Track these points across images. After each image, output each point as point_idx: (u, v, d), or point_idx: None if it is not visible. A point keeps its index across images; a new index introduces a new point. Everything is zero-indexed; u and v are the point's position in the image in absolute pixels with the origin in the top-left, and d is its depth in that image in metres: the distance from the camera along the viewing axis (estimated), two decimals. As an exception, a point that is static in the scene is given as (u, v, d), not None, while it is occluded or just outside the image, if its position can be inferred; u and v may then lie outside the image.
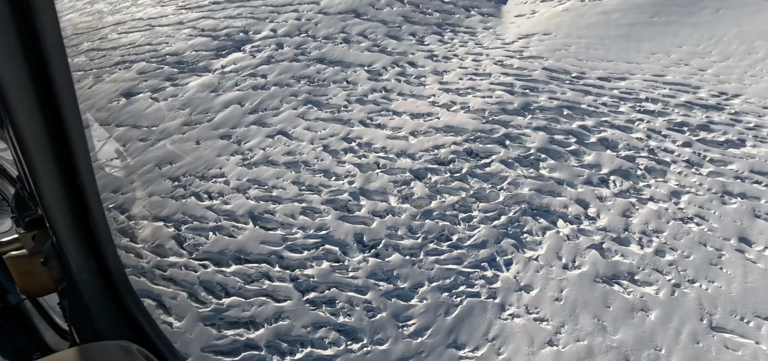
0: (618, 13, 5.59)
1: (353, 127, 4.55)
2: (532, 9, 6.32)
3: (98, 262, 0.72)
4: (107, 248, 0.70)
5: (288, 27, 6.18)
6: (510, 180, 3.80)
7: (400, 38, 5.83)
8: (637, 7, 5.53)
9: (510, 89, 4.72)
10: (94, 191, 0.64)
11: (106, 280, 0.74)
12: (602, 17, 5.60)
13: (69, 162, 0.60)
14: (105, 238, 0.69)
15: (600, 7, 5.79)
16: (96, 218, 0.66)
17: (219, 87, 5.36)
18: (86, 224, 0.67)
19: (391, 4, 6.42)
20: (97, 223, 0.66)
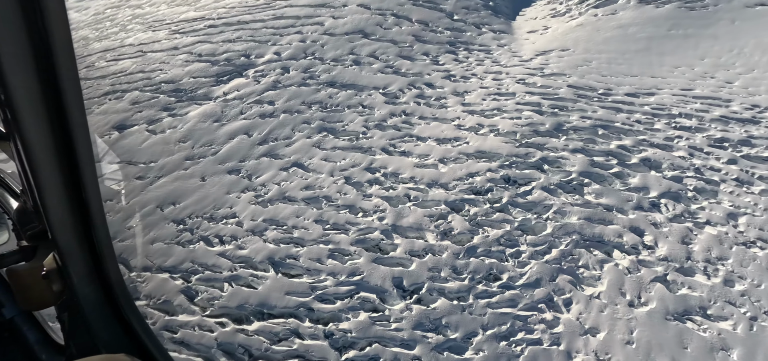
0: (634, 26, 5.61)
1: (375, 156, 4.26)
2: (544, 25, 6.29)
3: (100, 275, 0.71)
4: (109, 261, 0.70)
5: (293, 49, 5.93)
6: (555, 208, 3.57)
7: (413, 58, 5.65)
8: (653, 21, 5.56)
9: (538, 109, 4.56)
10: (98, 204, 0.64)
11: (107, 293, 0.73)
12: (619, 31, 5.60)
13: (74, 175, 0.60)
14: (107, 251, 0.68)
15: (615, 21, 5.80)
16: (99, 230, 0.66)
17: (222, 116, 5.01)
18: (89, 237, 0.67)
19: (399, 23, 6.28)
20: (99, 236, 0.66)
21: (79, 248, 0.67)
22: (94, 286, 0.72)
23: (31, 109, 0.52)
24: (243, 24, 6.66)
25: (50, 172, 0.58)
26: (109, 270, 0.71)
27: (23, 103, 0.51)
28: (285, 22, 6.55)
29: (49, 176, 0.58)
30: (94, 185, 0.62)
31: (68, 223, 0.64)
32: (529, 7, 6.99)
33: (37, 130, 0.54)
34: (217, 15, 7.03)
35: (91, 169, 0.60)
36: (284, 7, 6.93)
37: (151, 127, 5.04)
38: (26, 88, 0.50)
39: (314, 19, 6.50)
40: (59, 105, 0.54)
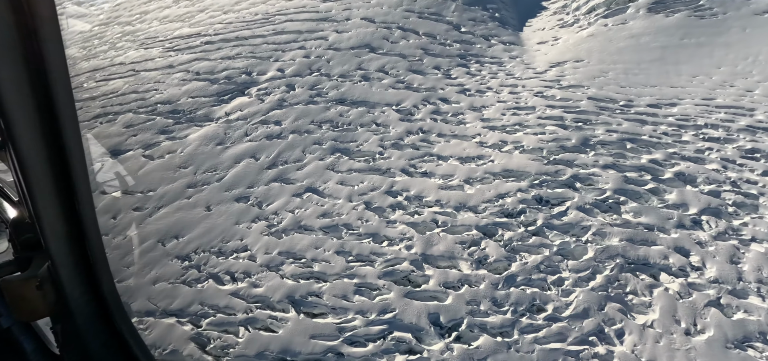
0: (646, 36, 5.61)
1: (395, 178, 4.05)
2: (553, 35, 6.26)
3: (93, 286, 0.72)
4: (102, 272, 0.71)
5: (297, 66, 5.71)
6: (594, 230, 3.40)
7: (424, 73, 5.51)
8: (665, 30, 5.58)
9: (561, 123, 4.45)
10: (92, 216, 0.65)
11: (101, 304, 0.74)
12: (631, 41, 5.60)
13: (68, 186, 0.61)
14: (101, 263, 0.70)
15: (626, 31, 5.81)
16: (93, 242, 0.67)
17: (226, 138, 4.72)
18: (83, 249, 0.68)
19: (406, 36, 6.15)
20: (93, 247, 0.67)
21: (72, 259, 0.68)
22: (87, 297, 0.72)
23: (26, 121, 0.53)
24: (242, 40, 6.43)
25: (44, 183, 0.59)
26: (102, 281, 0.71)
27: (18, 114, 0.51)
28: (286, 37, 6.35)
29: (43, 187, 0.59)
30: (87, 196, 0.63)
31: (62, 234, 0.64)
32: (534, 18, 6.98)
33: (31, 142, 0.55)
34: (213, 31, 6.78)
35: (84, 181, 0.61)
36: (284, 22, 6.74)
37: (147, 152, 4.72)
38: (21, 99, 0.51)
39: (317, 34, 6.32)
40: (53, 117, 0.55)
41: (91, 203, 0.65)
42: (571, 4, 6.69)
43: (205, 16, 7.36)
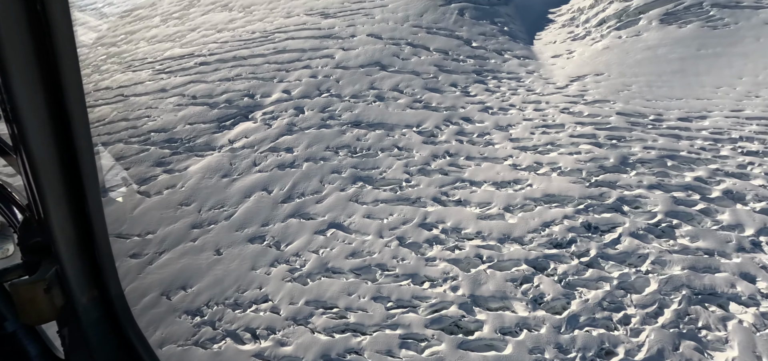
0: (662, 47, 5.63)
1: (427, 208, 3.75)
2: (567, 49, 6.21)
3: (100, 290, 0.73)
4: (110, 277, 0.72)
5: (304, 86, 5.41)
6: (652, 258, 3.19)
7: (441, 90, 5.30)
8: (680, 41, 5.61)
9: (595, 141, 4.29)
10: (100, 220, 0.66)
11: (108, 309, 0.75)
12: (649, 53, 5.59)
13: (78, 191, 0.62)
14: (108, 267, 0.71)
15: (641, 42, 5.82)
16: (101, 246, 0.68)
17: (232, 169, 4.33)
18: (91, 253, 0.69)
19: (417, 53, 5.97)
20: (101, 251, 0.68)
21: (80, 264, 0.69)
22: (94, 302, 0.74)
23: (37, 125, 0.54)
24: (240, 60, 6.08)
25: (55, 187, 0.60)
26: (109, 286, 0.73)
27: (29, 118, 0.53)
28: (289, 56, 6.05)
29: (54, 191, 0.60)
30: (96, 201, 0.64)
31: (71, 237, 0.66)
32: (543, 31, 6.96)
33: (42, 146, 0.56)
34: (207, 51, 6.41)
35: (94, 186, 0.62)
36: (285, 40, 6.45)
37: (143, 188, 4.26)
38: (32, 104, 0.53)
39: (322, 52, 6.05)
40: (64, 121, 0.56)
41: (100, 207, 0.66)
42: (579, 17, 6.71)
43: (198, 35, 6.99)
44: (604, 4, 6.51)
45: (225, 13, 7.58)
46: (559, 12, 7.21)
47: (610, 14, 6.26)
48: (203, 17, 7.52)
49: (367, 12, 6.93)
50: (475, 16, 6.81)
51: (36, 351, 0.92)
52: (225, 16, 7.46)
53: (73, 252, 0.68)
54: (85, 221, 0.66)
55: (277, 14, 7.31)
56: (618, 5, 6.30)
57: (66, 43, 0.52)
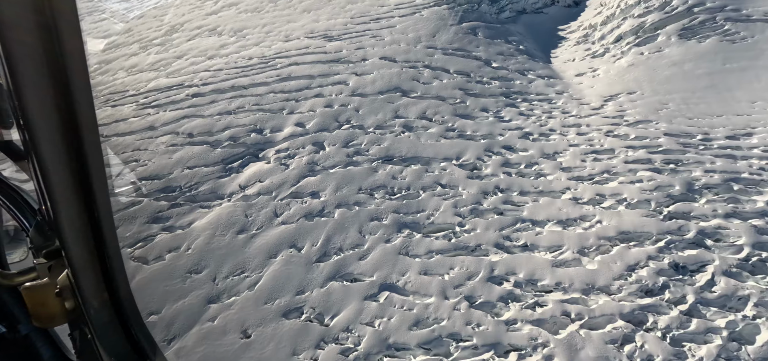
0: (687, 63, 5.65)
1: (492, 257, 3.34)
2: (589, 66, 6.13)
3: (111, 294, 0.76)
4: (120, 280, 0.74)
5: (319, 118, 4.92)
6: (755, 300, 2.92)
7: (473, 117, 4.99)
8: (703, 56, 5.67)
9: (652, 166, 4.08)
10: (110, 224, 0.68)
11: (118, 311, 0.78)
12: (675, 69, 5.59)
13: (88, 195, 0.64)
14: (118, 270, 0.73)
15: (665, 58, 5.83)
16: (111, 250, 0.70)
17: (248, 223, 3.74)
18: (101, 256, 0.71)
19: (437, 76, 5.66)
20: (111, 255, 0.71)
21: (91, 266, 0.71)
22: (104, 304, 0.76)
23: (47, 131, 0.57)
24: (240, 89, 5.52)
25: (64, 191, 0.62)
26: (119, 288, 0.75)
27: (39, 124, 0.56)
28: (296, 83, 5.56)
29: (64, 195, 0.62)
30: (106, 204, 0.66)
31: (81, 242, 0.68)
32: (557, 49, 6.91)
33: (52, 151, 0.58)
34: (200, 80, 5.79)
35: (103, 190, 0.64)
36: (288, 66, 5.96)
37: (138, 253, 3.57)
38: (42, 110, 0.55)
39: (333, 78, 5.61)
40: (74, 127, 0.58)
41: (109, 211, 0.68)
42: (593, 34, 6.71)
43: (185, 62, 6.36)
44: (618, 21, 6.56)
45: (214, 37, 7.00)
46: (569, 29, 7.22)
47: (626, 31, 6.30)
48: (189, 43, 6.90)
49: (375, 34, 6.61)
50: (488, 36, 6.65)
51: (49, 353, 0.96)
52: (214, 42, 6.88)
53: (84, 256, 0.70)
54: (94, 225, 0.67)
55: (274, 38, 6.82)
56: (633, 21, 6.37)
57: (75, 49, 0.53)
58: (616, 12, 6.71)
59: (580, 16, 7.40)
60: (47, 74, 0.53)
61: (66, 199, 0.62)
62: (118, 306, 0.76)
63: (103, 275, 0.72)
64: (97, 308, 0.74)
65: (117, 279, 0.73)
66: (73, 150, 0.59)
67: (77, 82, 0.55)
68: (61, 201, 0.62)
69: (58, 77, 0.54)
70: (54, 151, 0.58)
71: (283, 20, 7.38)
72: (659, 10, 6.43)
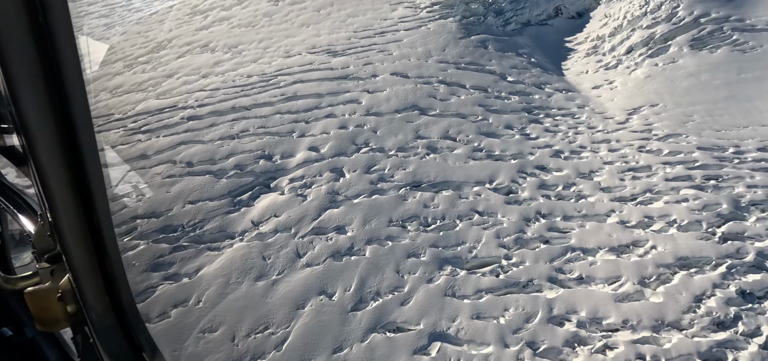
0: (703, 73, 5.69)
1: (547, 294, 3.08)
2: (604, 79, 6.10)
3: (111, 298, 0.77)
4: (121, 284, 0.76)
5: (335, 141, 4.59)
6: (834, 329, 2.78)
7: (498, 134, 4.79)
8: (717, 67, 5.73)
9: (693, 183, 3.98)
10: (109, 228, 0.70)
11: (119, 315, 0.79)
12: (692, 80, 5.61)
13: (87, 200, 0.65)
14: (119, 275, 0.74)
15: (681, 69, 5.86)
16: (111, 254, 0.71)
17: (267, 267, 3.34)
18: (102, 261, 0.72)
19: (454, 92, 5.47)
20: (112, 260, 0.72)
21: (91, 271, 0.72)
22: (106, 308, 0.76)
23: (45, 138, 0.58)
24: (242, 111, 5.13)
25: (62, 196, 0.63)
26: (120, 293, 0.76)
27: (38, 133, 0.57)
28: (304, 103, 5.22)
29: (62, 200, 0.63)
30: (105, 209, 0.67)
31: (81, 245, 0.69)
32: (567, 61, 6.88)
33: (50, 156, 0.59)
34: (195, 101, 5.37)
35: (102, 195, 0.65)
36: (292, 84, 5.62)
37: (139, 307, 3.10)
38: (39, 115, 0.56)
39: (344, 96, 5.32)
40: (72, 134, 0.59)
41: (108, 215, 0.68)
42: (602, 45, 6.74)
43: (177, 82, 5.91)
44: (627, 32, 6.61)
45: (206, 54, 6.58)
46: (576, 40, 7.24)
47: (637, 42, 6.34)
48: (180, 61, 6.45)
49: (382, 48, 6.38)
50: (499, 49, 6.54)
51: (54, 356, 1.00)
52: (207, 59, 6.46)
53: (84, 260, 0.70)
54: (94, 229, 0.68)
55: (272, 54, 6.48)
56: (642, 33, 6.43)
57: (69, 53, 0.53)
58: (623, 23, 6.78)
59: (586, 27, 7.45)
60: (42, 78, 0.54)
61: (65, 203, 0.64)
62: (119, 310, 0.77)
63: (104, 279, 0.73)
64: (98, 312, 0.75)
65: (118, 283, 0.74)
66: (70, 154, 0.60)
67: (72, 87, 0.56)
68: (60, 205, 0.63)
69: (53, 82, 0.55)
70: (51, 155, 0.59)
71: (280, 35, 7.05)
72: (666, 22, 6.53)
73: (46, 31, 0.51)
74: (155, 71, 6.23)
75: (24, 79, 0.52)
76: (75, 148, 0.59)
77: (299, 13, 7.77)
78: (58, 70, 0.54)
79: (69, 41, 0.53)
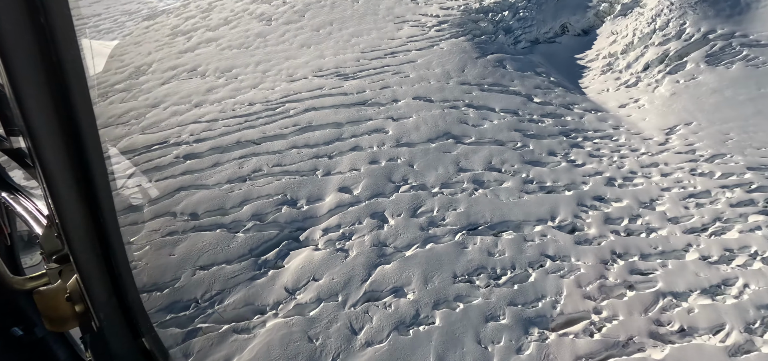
0: (726, 90, 5.79)
1: (654, 355, 2.73)
2: (629, 96, 6.07)
3: (118, 298, 0.79)
4: (128, 284, 0.78)
5: (367, 178, 4.10)
6: None
7: (542, 162, 4.51)
8: (737, 82, 5.86)
9: (758, 208, 3.86)
10: (115, 229, 0.72)
11: (126, 315, 0.81)
12: (718, 97, 5.69)
13: (93, 201, 0.67)
14: (125, 275, 0.77)
15: (703, 85, 5.94)
16: (117, 255, 0.74)
17: (318, 353, 2.75)
18: (108, 261, 0.74)
19: (485, 116, 5.17)
20: (118, 260, 0.74)
21: (98, 271, 0.74)
22: (113, 308, 0.79)
23: (51, 141, 0.59)
24: (250, 145, 4.53)
25: (68, 197, 0.65)
26: (127, 292, 0.79)
27: (41, 132, 0.58)
28: (323, 134, 4.71)
29: (67, 201, 0.65)
30: (110, 209, 0.69)
31: (87, 246, 0.71)
32: (583, 79, 6.85)
33: (55, 157, 0.61)
34: (190, 135, 4.69)
35: (107, 195, 0.68)
36: (303, 112, 5.10)
37: None
38: (42, 116, 0.57)
39: (366, 125, 4.86)
40: (77, 138, 0.61)
41: (114, 215, 0.70)
42: (616, 63, 6.78)
43: (164, 112, 5.19)
44: (640, 50, 6.70)
45: (196, 80, 5.91)
46: (586, 58, 7.27)
47: (652, 59, 6.42)
48: (165, 88, 5.73)
49: (396, 70, 6.02)
50: (517, 68, 6.39)
51: (64, 355, 1.03)
52: (198, 85, 5.79)
53: (91, 260, 0.72)
54: (100, 229, 0.70)
55: (274, 78, 5.93)
56: (656, 50, 6.53)
57: (71, 54, 0.55)
58: (633, 41, 6.88)
59: (594, 44, 7.52)
60: (46, 81, 0.55)
61: (71, 204, 0.65)
62: (126, 309, 0.79)
63: (111, 280, 0.75)
64: (106, 311, 0.77)
65: (125, 283, 0.76)
66: (75, 156, 0.62)
67: (75, 88, 0.56)
68: (66, 206, 0.65)
69: (56, 84, 0.56)
70: (56, 157, 0.60)
71: (279, 57, 6.52)
72: (677, 39, 6.69)
73: (48, 32, 0.52)
74: (137, 100, 5.47)
75: (28, 81, 0.54)
76: (80, 149, 0.61)
77: (296, 33, 7.28)
78: (62, 72, 0.54)
79: (71, 43, 0.54)
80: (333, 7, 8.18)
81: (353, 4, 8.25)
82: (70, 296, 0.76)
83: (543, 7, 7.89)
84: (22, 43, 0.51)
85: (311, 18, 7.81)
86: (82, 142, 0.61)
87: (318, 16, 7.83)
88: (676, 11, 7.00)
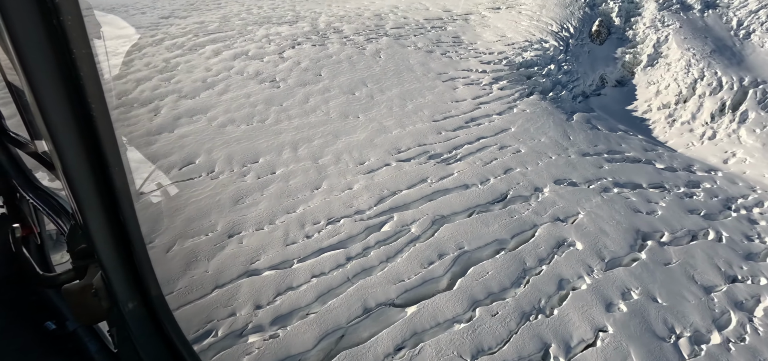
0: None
1: None
2: (723, 150, 6.00)
3: (141, 293, 0.85)
4: (149, 279, 0.83)
5: (626, 339, 2.74)
6: None
7: (756, 255, 3.79)
8: None
9: None
10: (135, 226, 0.76)
11: (149, 309, 0.87)
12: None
13: (114, 200, 0.72)
14: (147, 270, 0.82)
15: None
16: (139, 251, 0.79)
17: None
18: (130, 258, 0.80)
19: (648, 198, 4.31)
20: (140, 256, 0.79)
21: (121, 267, 0.80)
22: (137, 303, 0.85)
23: (73, 148, 0.65)
24: (385, 318, 2.76)
25: (89, 196, 0.70)
26: (149, 288, 0.85)
27: (66, 144, 0.64)
28: (497, 277, 3.21)
29: (89, 200, 0.71)
30: (129, 208, 0.74)
31: (109, 244, 0.77)
32: (654, 131, 6.73)
33: (75, 159, 0.66)
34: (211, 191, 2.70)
35: (126, 193, 0.72)
36: (433, 227, 3.52)
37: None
38: (64, 123, 0.63)
39: (538, 237, 3.52)
40: (96, 142, 0.66)
41: (133, 213, 0.75)
42: (677, 114, 6.86)
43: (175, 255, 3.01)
44: (695, 100, 6.93)
45: (203, 179, 3.78)
46: (638, 109, 7.28)
47: (714, 110, 6.66)
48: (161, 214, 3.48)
49: (498, 143, 4.88)
50: (606, 127, 5.89)
51: (94, 347, 1.12)
52: (213, 191, 3.69)
53: (113, 257, 0.78)
54: (122, 228, 0.75)
55: (341, 170, 4.20)
56: (712, 100, 6.82)
57: (84, 59, 0.59)
58: (681, 90, 7.13)
59: (637, 96, 7.63)
60: (63, 86, 0.59)
61: (92, 203, 0.70)
62: (149, 303, 0.85)
63: (134, 276, 0.81)
64: (130, 307, 0.83)
65: (147, 279, 0.82)
66: (94, 156, 0.66)
67: (91, 92, 0.61)
68: (86, 206, 0.70)
69: (73, 88, 0.60)
70: (77, 159, 0.65)
71: (323, 133, 4.79)
72: (721, 87, 7.11)
73: (61, 36, 0.56)
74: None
75: (46, 87, 0.58)
76: (98, 150, 0.66)
77: (325, 98, 5.61)
78: (76, 71, 0.58)
79: (84, 47, 0.58)
80: (352, 63, 6.73)
81: (377, 59, 6.94)
82: (96, 292, 0.81)
83: (580, 59, 7.85)
84: (37, 45, 0.55)
85: (332, 77, 6.22)
86: (101, 143, 0.64)
87: (340, 75, 6.29)
88: (703, 61, 7.56)
